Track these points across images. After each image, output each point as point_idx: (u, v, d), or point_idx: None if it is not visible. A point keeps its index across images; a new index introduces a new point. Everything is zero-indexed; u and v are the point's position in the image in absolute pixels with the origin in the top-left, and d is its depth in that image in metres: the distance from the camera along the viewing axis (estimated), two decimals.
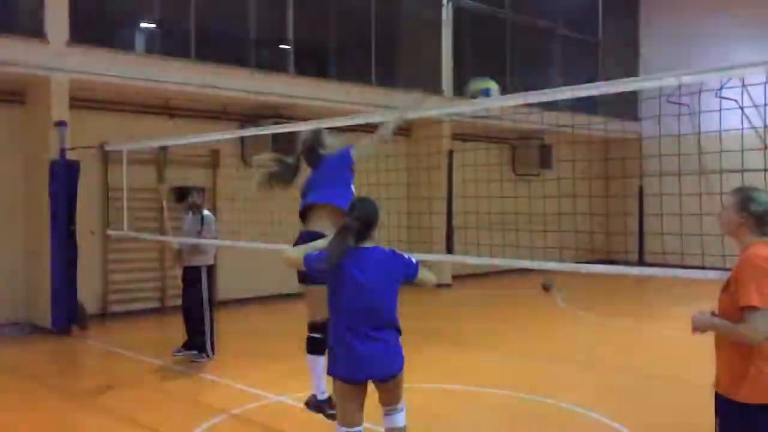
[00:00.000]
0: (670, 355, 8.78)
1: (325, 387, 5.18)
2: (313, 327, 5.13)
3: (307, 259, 4.08)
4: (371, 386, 4.07)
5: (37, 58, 9.77)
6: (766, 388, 3.14)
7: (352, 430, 4.01)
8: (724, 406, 3.25)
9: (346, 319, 3.98)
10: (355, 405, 4.01)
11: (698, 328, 3.30)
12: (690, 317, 3.32)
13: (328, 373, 4.09)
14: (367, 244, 4.05)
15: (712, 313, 3.30)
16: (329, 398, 5.18)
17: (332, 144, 5.45)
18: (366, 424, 4.11)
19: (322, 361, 5.00)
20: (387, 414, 4.14)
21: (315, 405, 5.32)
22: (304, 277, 4.97)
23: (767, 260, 3.14)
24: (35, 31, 9.87)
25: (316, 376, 5.21)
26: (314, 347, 5.13)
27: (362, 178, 8.05)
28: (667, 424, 6.05)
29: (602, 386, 7.37)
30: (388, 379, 4.02)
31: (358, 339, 3.92)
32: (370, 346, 3.92)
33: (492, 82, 5.29)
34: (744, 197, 3.29)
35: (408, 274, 4.08)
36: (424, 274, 4.15)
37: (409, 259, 4.11)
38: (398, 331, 4.06)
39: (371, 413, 4.20)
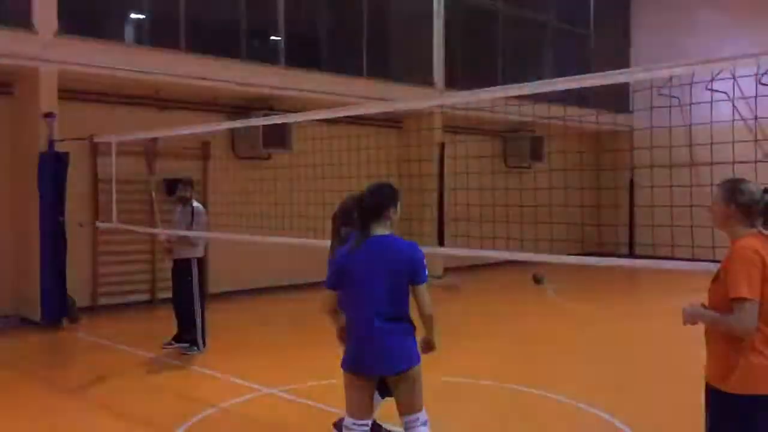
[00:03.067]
0: (662, 346, 8.81)
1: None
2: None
3: (328, 282, 4.01)
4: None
5: (25, 49, 9.69)
6: (756, 379, 3.16)
7: (358, 422, 3.89)
8: (714, 397, 3.26)
9: (352, 309, 3.89)
10: (359, 397, 3.88)
11: (689, 319, 3.31)
12: (681, 309, 3.33)
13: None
14: (378, 232, 3.90)
15: (703, 305, 3.31)
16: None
17: None
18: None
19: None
20: (406, 429, 3.91)
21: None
22: None
23: (756, 252, 3.15)
24: (23, 21, 9.78)
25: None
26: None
27: (353, 170, 8.06)
28: (662, 416, 6.07)
29: (595, 378, 7.39)
30: (395, 376, 3.84)
31: (360, 330, 3.82)
32: (371, 339, 3.78)
33: None
34: (731, 189, 3.28)
35: (412, 276, 3.81)
36: (424, 293, 3.84)
37: (423, 266, 3.85)
38: (408, 326, 3.84)
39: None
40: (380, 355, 3.80)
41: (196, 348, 8.27)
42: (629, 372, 7.63)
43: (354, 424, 3.89)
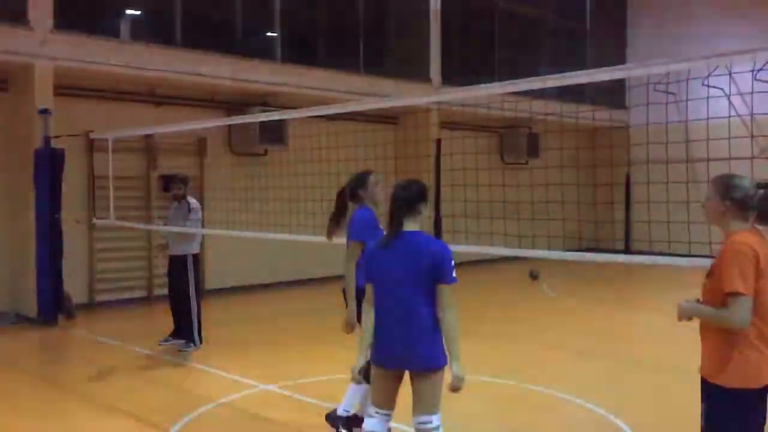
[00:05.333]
0: (659, 342, 8.84)
1: (350, 407, 5.21)
2: None
3: (365, 278, 4.02)
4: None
5: (21, 45, 9.66)
6: (750, 372, 3.18)
7: (380, 410, 3.94)
8: (710, 391, 3.28)
9: (381, 304, 3.90)
10: (385, 389, 3.93)
11: (684, 315, 3.32)
12: (676, 305, 3.34)
13: None
14: (409, 227, 3.89)
15: (697, 301, 3.32)
16: (351, 417, 5.22)
17: (375, 193, 5.20)
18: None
19: (362, 388, 5.05)
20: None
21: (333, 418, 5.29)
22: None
23: (750, 247, 3.16)
24: (19, 17, 9.75)
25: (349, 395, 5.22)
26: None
27: (351, 167, 8.04)
28: (659, 411, 6.09)
29: (592, 374, 7.42)
30: (420, 372, 3.81)
31: (389, 325, 3.84)
32: (399, 335, 3.80)
33: None
34: (726, 185, 3.30)
35: (438, 275, 3.74)
36: (447, 293, 3.75)
37: (451, 267, 3.77)
38: (430, 324, 3.78)
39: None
40: (408, 351, 3.80)
41: (192, 344, 8.26)
42: (626, 368, 7.65)
43: (377, 412, 3.96)
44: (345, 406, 5.20)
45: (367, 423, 3.99)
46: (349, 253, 5.09)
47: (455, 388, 3.77)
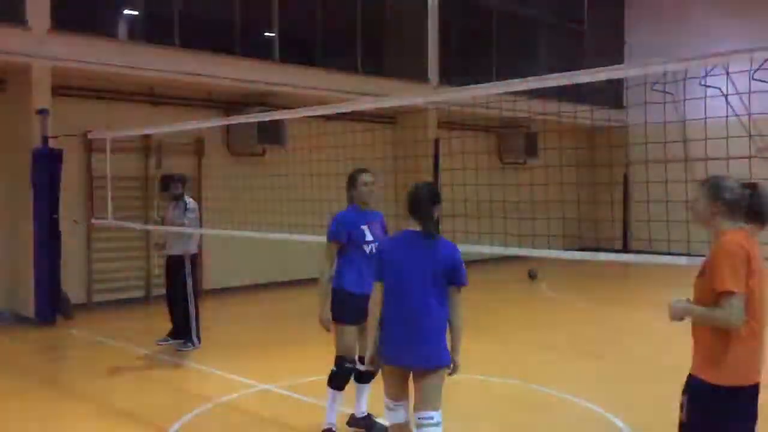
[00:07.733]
0: (658, 341, 8.84)
1: (333, 418, 5.28)
2: (338, 360, 5.18)
3: (375, 275, 4.09)
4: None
5: (18, 44, 9.65)
6: (742, 371, 3.20)
7: (392, 402, 4.08)
8: (695, 387, 3.29)
9: (392, 301, 3.97)
10: (395, 385, 4.06)
11: (676, 315, 3.32)
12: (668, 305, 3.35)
13: None
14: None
15: (688, 300, 3.33)
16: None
17: (361, 193, 5.24)
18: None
19: (338, 396, 5.21)
20: (419, 427, 3.96)
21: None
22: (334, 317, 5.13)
23: (741, 246, 3.18)
24: (16, 17, 9.74)
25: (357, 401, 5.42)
26: (334, 380, 5.21)
27: (349, 166, 8.04)
28: (657, 409, 6.09)
29: (591, 373, 7.42)
30: (424, 370, 3.92)
31: (398, 322, 3.93)
32: (408, 333, 3.90)
33: None
34: (716, 186, 3.31)
35: (451, 276, 3.92)
36: (458, 295, 3.98)
37: (464, 269, 3.95)
38: (440, 324, 3.94)
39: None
40: (419, 349, 3.92)
41: (191, 344, 8.26)
42: (626, 367, 7.65)
43: (393, 404, 4.11)
44: (329, 420, 5.26)
45: (388, 416, 4.14)
46: (324, 252, 5.22)
47: (451, 374, 4.08)
